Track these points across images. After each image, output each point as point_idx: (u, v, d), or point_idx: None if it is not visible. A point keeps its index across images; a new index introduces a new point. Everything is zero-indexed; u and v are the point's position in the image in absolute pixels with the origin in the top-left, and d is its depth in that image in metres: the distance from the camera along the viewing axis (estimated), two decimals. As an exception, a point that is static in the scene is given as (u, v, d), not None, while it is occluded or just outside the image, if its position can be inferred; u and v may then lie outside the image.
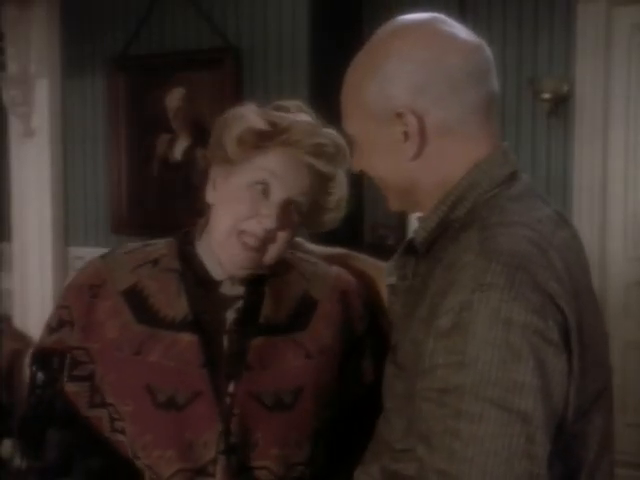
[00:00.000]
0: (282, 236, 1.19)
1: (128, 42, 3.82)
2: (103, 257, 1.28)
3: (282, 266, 1.28)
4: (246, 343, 1.20)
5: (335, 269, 1.35)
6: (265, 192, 1.17)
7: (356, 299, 1.32)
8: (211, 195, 1.24)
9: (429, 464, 0.88)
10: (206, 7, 3.64)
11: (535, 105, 3.56)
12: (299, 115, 1.22)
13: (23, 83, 4.01)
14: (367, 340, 1.31)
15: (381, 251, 3.64)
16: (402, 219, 3.55)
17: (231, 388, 1.17)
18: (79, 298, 1.23)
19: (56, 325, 1.23)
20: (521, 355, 0.85)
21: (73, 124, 4.08)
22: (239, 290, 1.24)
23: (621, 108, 3.53)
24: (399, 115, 0.99)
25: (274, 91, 3.49)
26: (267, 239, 1.18)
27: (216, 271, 1.24)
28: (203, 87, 3.60)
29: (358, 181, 1.29)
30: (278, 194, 1.17)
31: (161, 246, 1.27)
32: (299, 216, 1.21)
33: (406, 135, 0.99)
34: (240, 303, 1.23)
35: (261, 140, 1.17)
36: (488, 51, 1.03)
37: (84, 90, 4.04)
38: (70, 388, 1.20)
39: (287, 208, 1.18)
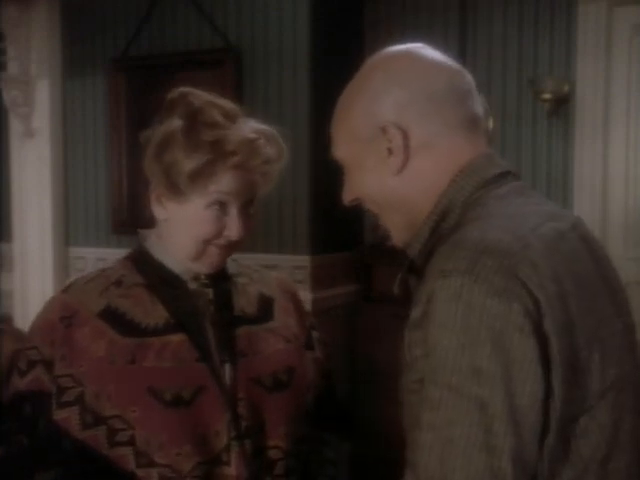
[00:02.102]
0: (247, 228, 1.26)
1: (129, 43, 3.82)
2: (64, 291, 1.30)
3: (235, 271, 1.37)
4: (231, 333, 1.28)
5: (274, 273, 1.49)
6: (223, 209, 1.23)
7: (299, 297, 1.46)
8: (161, 213, 1.27)
9: (407, 457, 0.88)
10: (207, 8, 3.64)
11: (536, 105, 3.56)
12: (234, 127, 1.25)
13: (24, 84, 4.01)
14: (314, 334, 1.43)
15: (382, 251, 3.65)
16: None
17: (231, 375, 1.24)
18: (48, 334, 1.23)
19: (26, 367, 1.24)
20: (479, 339, 0.82)
21: (74, 124, 4.08)
22: (205, 281, 1.29)
23: (622, 108, 3.53)
24: (383, 130, 1.01)
25: (274, 92, 3.50)
26: (238, 240, 1.25)
27: (180, 271, 1.29)
28: (204, 88, 3.54)
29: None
30: (236, 206, 1.24)
31: (117, 267, 1.31)
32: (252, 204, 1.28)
33: (390, 151, 1.01)
34: (211, 294, 1.29)
35: (211, 167, 1.21)
36: (469, 76, 1.07)
37: (85, 91, 4.04)
38: (60, 415, 1.19)
39: (243, 208, 1.25)
